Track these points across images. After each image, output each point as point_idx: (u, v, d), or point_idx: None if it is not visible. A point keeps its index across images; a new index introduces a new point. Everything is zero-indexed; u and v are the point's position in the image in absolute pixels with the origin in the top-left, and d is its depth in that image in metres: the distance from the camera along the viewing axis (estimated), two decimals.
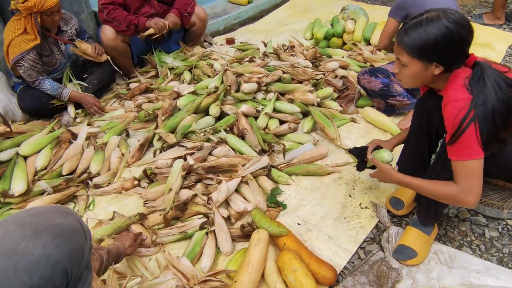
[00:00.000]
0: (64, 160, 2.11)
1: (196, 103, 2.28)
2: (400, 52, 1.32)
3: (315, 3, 4.36)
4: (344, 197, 1.93)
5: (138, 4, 2.77)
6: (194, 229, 1.73)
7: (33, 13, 2.23)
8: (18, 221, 0.79)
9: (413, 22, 1.29)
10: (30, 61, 2.34)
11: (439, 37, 1.23)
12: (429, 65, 1.29)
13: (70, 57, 2.65)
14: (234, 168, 1.90)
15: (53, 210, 0.85)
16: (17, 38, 2.28)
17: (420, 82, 1.39)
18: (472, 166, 1.24)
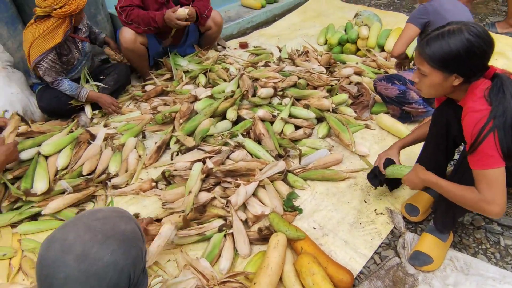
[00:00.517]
0: (83, 160, 2.15)
1: (214, 107, 2.31)
2: (421, 62, 1.35)
3: (328, 8, 4.39)
4: (360, 203, 1.95)
5: (156, 7, 2.81)
6: (212, 231, 1.76)
7: (69, 16, 2.30)
8: (88, 225, 0.82)
9: (435, 33, 1.33)
10: (49, 61, 2.39)
11: (461, 50, 1.26)
12: (449, 76, 1.32)
13: (86, 54, 2.70)
14: (252, 172, 1.93)
15: (117, 215, 0.89)
16: (38, 39, 2.33)
17: (439, 92, 1.41)
18: (493, 175, 1.25)
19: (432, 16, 2.15)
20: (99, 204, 2.00)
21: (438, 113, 1.62)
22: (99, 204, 2.01)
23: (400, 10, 4.25)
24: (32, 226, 1.88)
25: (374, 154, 2.23)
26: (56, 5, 2.24)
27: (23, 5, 2.93)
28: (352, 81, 2.74)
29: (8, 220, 1.87)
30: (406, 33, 2.26)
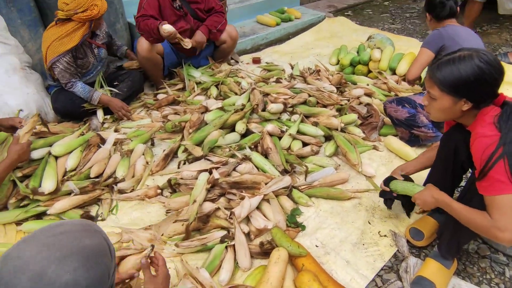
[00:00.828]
0: (92, 163, 2.18)
1: (224, 119, 2.34)
2: (432, 86, 1.38)
3: (342, 30, 4.45)
4: (364, 224, 1.94)
5: (174, 19, 2.88)
6: (214, 242, 1.75)
7: (89, 21, 2.38)
8: (46, 241, 0.76)
9: (446, 58, 1.35)
10: (65, 63, 2.45)
11: (471, 76, 1.28)
12: (459, 101, 1.33)
13: (101, 60, 2.77)
14: (257, 186, 1.94)
15: (81, 229, 0.82)
16: (56, 41, 2.40)
17: (448, 116, 1.43)
18: (504, 201, 1.23)
19: (446, 41, 2.18)
20: (104, 208, 2.02)
21: (446, 137, 1.63)
22: (104, 207, 2.02)
23: (413, 35, 4.29)
24: (36, 225, 1.90)
25: (381, 175, 2.22)
26: (78, 9, 2.32)
27: (45, 9, 3.03)
28: (362, 102, 2.76)
29: (14, 217, 1.89)
30: (421, 58, 2.29)
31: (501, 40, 4.10)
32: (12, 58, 2.58)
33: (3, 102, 2.43)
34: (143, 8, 2.78)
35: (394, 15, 5.05)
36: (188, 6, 2.91)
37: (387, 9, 5.28)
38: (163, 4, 2.80)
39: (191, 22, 2.96)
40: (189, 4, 2.92)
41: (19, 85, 2.53)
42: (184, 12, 2.90)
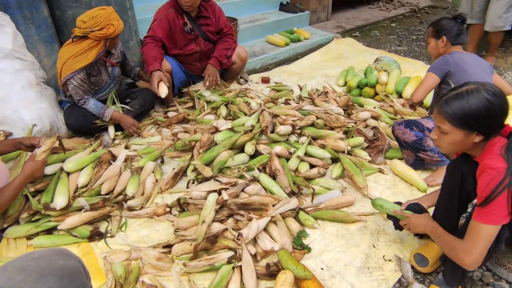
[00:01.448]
0: (103, 179, 2.22)
1: (233, 140, 2.39)
2: (442, 121, 1.41)
3: (349, 51, 4.53)
4: (369, 247, 1.96)
5: (184, 42, 2.96)
6: (221, 262, 1.78)
7: (104, 39, 2.44)
8: (20, 266, 0.78)
9: (454, 93, 1.39)
10: (79, 80, 2.51)
11: (481, 109, 1.32)
12: (470, 134, 1.37)
13: (114, 78, 2.84)
14: (265, 207, 1.97)
15: (54, 253, 0.85)
16: (71, 58, 2.48)
17: (459, 149, 1.47)
18: (487, 231, 1.30)
19: (452, 67, 2.22)
20: (113, 224, 2.05)
21: (453, 166, 1.64)
22: (113, 224, 2.05)
23: (419, 58, 4.35)
24: (46, 240, 1.93)
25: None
26: (95, 28, 2.39)
27: (61, 26, 3.13)
28: (368, 125, 2.80)
29: (25, 232, 1.93)
30: (427, 82, 2.32)
31: (507, 64, 4.15)
32: (28, 73, 2.65)
33: (18, 117, 2.49)
34: (152, 29, 2.85)
35: (401, 37, 5.13)
36: (199, 28, 2.99)
37: (394, 31, 5.37)
38: (174, 27, 2.88)
39: (202, 45, 3.05)
40: (200, 26, 2.99)
41: (34, 100, 2.60)
42: (195, 35, 2.98)
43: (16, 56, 2.61)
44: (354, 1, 6.54)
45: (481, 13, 3.79)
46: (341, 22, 5.58)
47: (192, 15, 2.94)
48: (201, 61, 3.15)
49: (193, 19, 2.95)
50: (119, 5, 3.24)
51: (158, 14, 2.88)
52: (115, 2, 3.21)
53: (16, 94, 2.54)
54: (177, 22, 2.87)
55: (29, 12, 2.80)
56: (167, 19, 2.84)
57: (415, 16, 6.06)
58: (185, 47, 2.95)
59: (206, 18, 3.00)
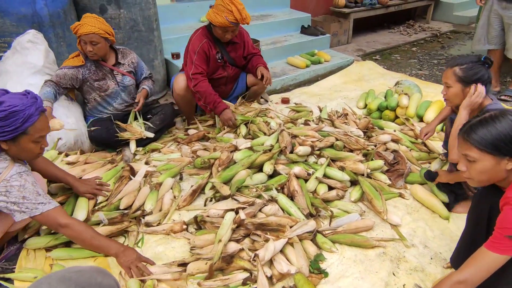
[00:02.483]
0: (122, 194, 2.25)
1: (252, 159, 2.39)
2: (469, 148, 1.35)
3: (369, 74, 4.53)
4: (388, 275, 1.90)
5: (214, 67, 3.03)
6: (236, 284, 1.76)
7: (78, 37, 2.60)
8: (61, 277, 0.83)
9: (478, 119, 1.36)
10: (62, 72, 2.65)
11: (510, 131, 1.28)
12: (501, 160, 1.31)
13: (126, 87, 2.91)
14: (282, 228, 1.95)
15: (95, 270, 0.89)
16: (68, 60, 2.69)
17: (492, 178, 1.38)
18: (492, 259, 1.27)
19: None
20: (130, 240, 2.06)
21: (480, 197, 1.57)
22: (130, 239, 2.06)
23: (440, 82, 4.28)
24: (64, 253, 1.95)
25: (406, 224, 2.19)
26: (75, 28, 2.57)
27: None
28: (388, 148, 2.76)
29: (45, 243, 1.96)
30: None
31: None
32: None
33: None
34: (196, 65, 2.86)
35: (421, 61, 5.11)
36: (228, 55, 3.06)
37: (415, 55, 5.35)
38: (209, 56, 2.94)
39: (229, 70, 3.12)
40: (228, 53, 3.06)
41: (61, 115, 2.68)
42: (224, 61, 3.06)
43: (46, 72, 2.74)
44: (375, 25, 6.58)
45: (498, 38, 3.74)
46: (362, 46, 5.61)
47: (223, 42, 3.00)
48: (227, 84, 3.24)
49: (223, 46, 3.02)
50: (146, 25, 3.37)
51: (194, 45, 2.90)
52: (143, 23, 3.35)
53: None
54: (212, 52, 2.94)
55: (62, 31, 2.94)
56: (203, 51, 2.89)
57: (436, 40, 6.04)
58: (213, 73, 3.03)
59: (234, 43, 3.07)
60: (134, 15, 3.26)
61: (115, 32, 3.21)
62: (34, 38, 2.69)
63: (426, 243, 2.08)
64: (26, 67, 2.66)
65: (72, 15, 3.03)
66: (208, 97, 2.88)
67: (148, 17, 3.38)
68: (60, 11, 2.87)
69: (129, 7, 3.21)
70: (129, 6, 3.20)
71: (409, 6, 6.42)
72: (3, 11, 2.63)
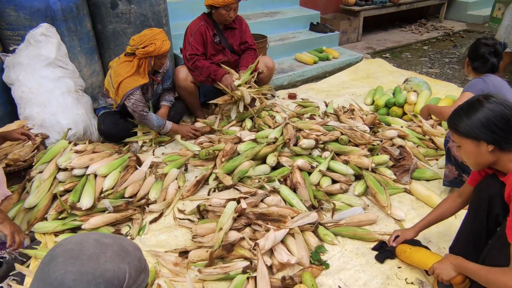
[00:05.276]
0: (128, 183, 2.29)
1: (256, 151, 2.41)
2: (452, 135, 1.45)
3: (378, 71, 4.50)
4: (390, 268, 1.89)
5: (213, 52, 3.07)
6: (236, 272, 1.77)
7: (149, 57, 2.58)
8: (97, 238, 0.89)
9: (457, 108, 1.44)
10: (138, 95, 2.65)
11: (482, 117, 1.33)
12: (479, 143, 1.36)
13: (156, 95, 2.99)
14: (283, 219, 1.95)
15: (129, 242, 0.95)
16: (129, 78, 2.62)
17: (480, 161, 1.41)
18: None
19: (492, 88, 2.12)
20: (134, 227, 2.10)
21: (480, 188, 1.57)
22: (134, 227, 2.10)
23: (452, 80, 4.25)
24: None
25: (410, 220, 2.18)
26: (139, 45, 2.54)
27: (102, 40, 3.33)
28: (395, 144, 2.74)
29: (52, 228, 2.01)
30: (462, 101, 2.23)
31: None
32: (68, 81, 2.82)
33: (56, 120, 2.64)
34: (192, 46, 2.96)
35: (433, 59, 5.04)
36: (226, 41, 3.10)
37: (426, 53, 5.29)
38: (206, 39, 3.00)
39: (228, 56, 3.15)
40: (226, 39, 3.10)
41: (71, 106, 2.75)
42: (223, 46, 3.09)
43: (58, 64, 2.80)
44: (386, 24, 6.52)
45: None
46: (372, 44, 5.57)
47: (220, 27, 3.05)
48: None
49: (221, 31, 3.06)
50: (156, 20, 3.41)
51: (191, 28, 3.00)
52: (153, 18, 3.39)
53: (56, 100, 2.71)
54: (208, 33, 3.00)
55: (74, 25, 3.00)
56: (200, 33, 2.97)
57: (448, 39, 5.96)
58: (213, 57, 3.06)
59: (233, 29, 3.12)
60: (144, 10, 3.30)
61: (125, 27, 3.27)
62: (47, 31, 2.75)
63: (430, 238, 2.06)
64: (39, 59, 2.72)
65: (84, 10, 3.09)
66: (206, 69, 2.95)
67: (158, 12, 3.42)
68: (72, 5, 2.93)
69: (140, 2, 3.25)
70: (140, 1, 3.25)
71: (421, 4, 6.34)
72: (17, 4, 2.70)
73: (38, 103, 2.65)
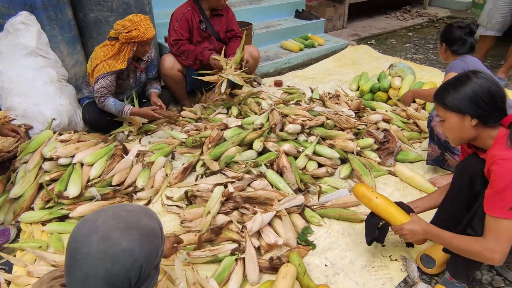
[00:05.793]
0: (115, 172, 2.28)
1: (242, 136, 2.42)
2: (438, 108, 1.47)
3: (364, 58, 4.53)
4: (375, 247, 1.94)
5: (199, 39, 3.05)
6: (224, 254, 1.80)
7: (131, 42, 2.54)
8: (116, 213, 0.93)
9: (445, 82, 1.47)
10: (108, 81, 2.59)
11: (469, 91, 1.36)
12: (464, 117, 1.39)
13: (139, 84, 2.94)
14: (270, 202, 1.98)
15: (142, 211, 0.98)
16: (106, 61, 2.57)
17: (462, 135, 1.44)
18: (507, 226, 1.27)
19: (471, 67, 2.15)
20: None
21: (462, 166, 1.61)
22: None
23: (436, 66, 4.31)
24: (59, 227, 2.00)
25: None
26: (123, 30, 2.51)
27: (83, 28, 3.27)
28: (379, 128, 2.79)
29: (39, 217, 2.01)
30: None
31: None
32: (50, 71, 2.77)
33: (38, 111, 2.60)
34: (177, 31, 2.94)
35: (417, 45, 5.10)
36: (212, 28, 3.08)
37: (410, 40, 5.34)
38: (192, 25, 2.98)
39: (214, 43, 3.13)
40: (213, 26, 3.09)
41: (54, 96, 2.71)
42: (208, 33, 3.08)
43: (39, 53, 2.74)
44: (371, 11, 6.55)
45: (500, 25, 3.72)
46: (357, 31, 5.60)
47: (207, 14, 3.03)
48: None
49: (207, 18, 3.04)
50: (138, 8, 3.36)
51: (177, 14, 2.98)
52: (135, 6, 3.34)
53: (38, 90, 2.66)
54: (194, 19, 2.98)
55: (54, 14, 2.94)
56: (185, 19, 2.95)
57: (433, 26, 6.02)
58: (199, 44, 3.04)
59: (219, 16, 3.10)
60: None
61: (108, 15, 3.22)
62: (27, 20, 2.69)
63: None
64: (19, 48, 2.66)
65: None
66: (191, 53, 2.94)
67: (141, 0, 3.37)
68: None
69: None
70: None
71: None
72: None
73: (19, 93, 2.60)
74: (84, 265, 0.85)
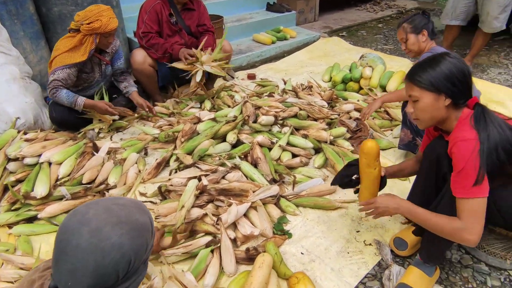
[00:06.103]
0: (85, 170, 2.22)
1: (215, 129, 2.40)
2: (411, 88, 1.44)
3: (335, 49, 4.58)
4: (349, 233, 1.97)
5: (169, 33, 3.00)
6: (199, 248, 1.77)
7: (94, 34, 2.45)
8: (107, 206, 0.92)
9: (420, 61, 1.47)
10: (65, 74, 2.48)
11: (444, 68, 1.38)
12: (439, 96, 1.39)
13: (106, 77, 2.85)
14: (245, 193, 1.98)
15: (134, 205, 0.97)
16: (65, 53, 2.47)
17: (434, 115, 1.44)
18: (476, 204, 1.30)
19: None
20: None
21: (429, 150, 1.66)
22: None
23: (405, 56, 4.40)
24: (27, 229, 1.93)
25: None
26: (84, 21, 2.41)
27: (47, 23, 3.15)
28: (352, 117, 2.83)
29: (5, 220, 1.92)
30: None
31: (490, 61, 4.22)
32: (13, 68, 2.66)
33: (2, 109, 2.49)
34: (146, 24, 2.88)
35: (387, 36, 5.20)
36: (183, 22, 3.03)
37: (380, 31, 5.44)
38: (161, 18, 2.92)
39: (186, 38, 3.08)
40: (183, 20, 3.04)
41: (17, 94, 2.59)
42: (179, 27, 3.02)
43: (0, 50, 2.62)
44: (342, 3, 6.62)
45: (464, 14, 3.83)
46: (328, 23, 5.65)
47: (178, 8, 2.98)
48: None
49: (178, 11, 2.99)
50: (105, 1, 3.27)
51: (146, 6, 2.91)
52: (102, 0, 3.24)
53: (0, 88, 2.54)
54: (164, 12, 2.92)
55: (14, 8, 2.81)
56: (155, 11, 2.89)
57: (401, 17, 6.15)
58: (170, 38, 2.98)
59: (191, 10, 3.05)
60: None
61: (73, 9, 3.11)
62: None
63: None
64: None
65: None
66: (161, 46, 2.90)
67: None
68: None
69: None
70: None
71: None
72: None
73: None
74: (73, 257, 0.84)
